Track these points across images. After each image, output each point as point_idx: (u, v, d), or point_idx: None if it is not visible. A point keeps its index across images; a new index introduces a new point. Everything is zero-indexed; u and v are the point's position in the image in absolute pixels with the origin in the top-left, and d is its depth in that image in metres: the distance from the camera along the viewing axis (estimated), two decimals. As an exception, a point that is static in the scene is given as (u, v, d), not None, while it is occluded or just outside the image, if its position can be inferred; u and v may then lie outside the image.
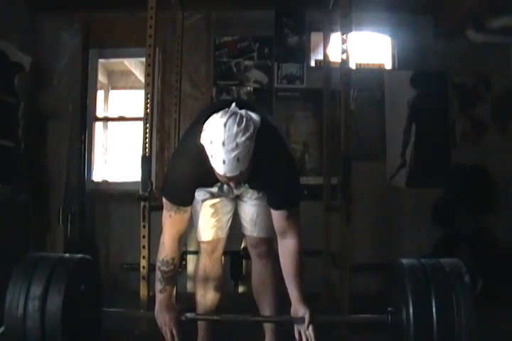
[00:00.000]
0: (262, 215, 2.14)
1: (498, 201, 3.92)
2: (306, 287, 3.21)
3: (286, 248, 1.93)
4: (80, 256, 2.03)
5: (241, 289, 3.78)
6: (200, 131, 1.68)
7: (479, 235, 3.78)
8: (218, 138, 1.59)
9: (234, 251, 3.36)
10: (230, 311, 2.16)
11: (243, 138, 1.60)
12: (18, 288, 1.81)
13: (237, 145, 1.59)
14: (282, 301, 2.16)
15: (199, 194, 2.07)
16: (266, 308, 2.18)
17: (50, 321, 1.78)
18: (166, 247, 1.98)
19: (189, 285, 3.74)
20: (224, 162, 1.61)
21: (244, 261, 3.72)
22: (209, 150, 1.63)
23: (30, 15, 3.99)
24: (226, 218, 2.22)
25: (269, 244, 2.16)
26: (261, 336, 2.26)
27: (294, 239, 1.92)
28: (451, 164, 4.06)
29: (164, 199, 1.95)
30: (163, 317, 2.01)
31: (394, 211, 3.92)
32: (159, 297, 2.01)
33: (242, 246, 3.24)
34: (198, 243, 2.32)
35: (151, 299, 2.77)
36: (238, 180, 1.74)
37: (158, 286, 2.01)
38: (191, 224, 2.12)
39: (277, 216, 1.92)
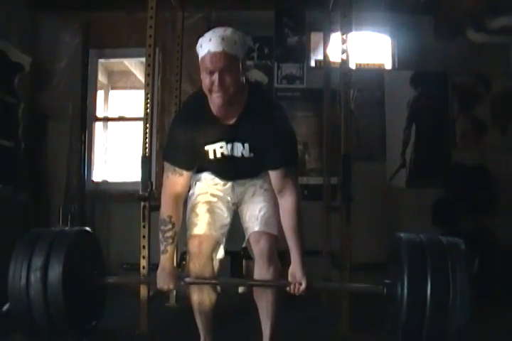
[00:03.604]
0: (264, 211, 2.12)
1: (498, 201, 3.92)
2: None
3: (285, 206, 2.00)
4: (78, 227, 2.10)
5: (241, 289, 3.78)
6: (198, 93, 1.96)
7: (479, 235, 3.77)
8: (206, 34, 1.86)
9: (234, 251, 3.36)
10: (230, 311, 2.16)
11: (228, 32, 1.84)
12: (20, 260, 1.89)
13: (222, 38, 1.82)
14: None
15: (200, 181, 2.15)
16: (264, 312, 2.17)
17: (52, 290, 1.85)
18: (163, 206, 2.08)
19: (189, 285, 3.75)
20: (210, 40, 1.83)
21: (244, 261, 3.73)
22: (199, 50, 1.87)
23: (30, 15, 4.00)
24: (221, 222, 2.17)
25: (271, 240, 2.10)
26: None
27: (291, 197, 1.99)
28: (451, 164, 4.06)
29: (164, 161, 2.07)
30: (163, 279, 2.08)
31: (394, 211, 3.92)
32: (162, 258, 2.10)
33: (242, 246, 3.23)
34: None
35: (151, 299, 2.78)
36: (223, 75, 1.83)
37: (161, 247, 2.10)
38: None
39: (275, 175, 1.99)
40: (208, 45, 1.84)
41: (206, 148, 2.03)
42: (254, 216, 2.14)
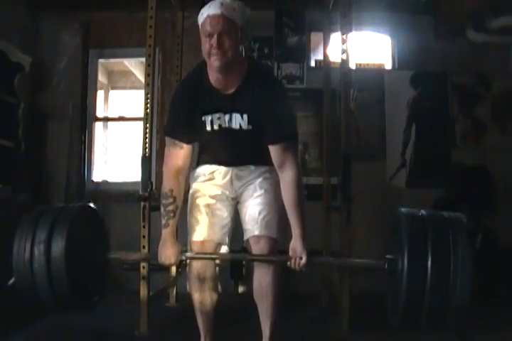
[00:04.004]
0: (264, 214, 2.12)
1: (498, 201, 3.92)
2: (306, 287, 3.22)
3: (285, 180, 2.01)
4: (81, 203, 2.14)
5: (241, 289, 3.79)
6: (198, 65, 2.04)
7: (479, 235, 3.77)
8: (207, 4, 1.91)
9: (234, 251, 3.36)
10: (230, 311, 2.16)
11: (227, 0, 1.90)
12: (25, 234, 1.93)
13: (221, 3, 1.89)
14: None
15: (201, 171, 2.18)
16: (264, 313, 2.16)
17: (55, 263, 1.89)
18: (165, 181, 2.10)
19: (189, 286, 3.75)
20: (209, 6, 1.90)
21: (244, 261, 3.73)
22: (200, 18, 1.93)
23: (30, 15, 4.00)
24: (221, 224, 2.17)
25: (271, 242, 2.10)
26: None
27: (292, 170, 2.00)
28: (451, 164, 4.06)
29: (165, 136, 2.11)
30: (165, 253, 2.10)
31: (394, 211, 3.91)
32: (163, 232, 2.12)
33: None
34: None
35: (151, 299, 2.78)
36: (221, 37, 1.87)
37: (162, 221, 2.12)
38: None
39: (275, 150, 1.99)
40: (207, 10, 1.91)
41: (203, 118, 2.03)
42: (254, 219, 2.13)
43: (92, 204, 2.27)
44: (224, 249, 2.20)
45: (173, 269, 3.44)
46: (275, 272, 2.12)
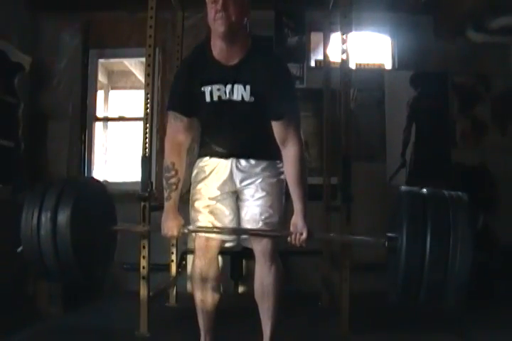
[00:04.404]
0: (265, 215, 2.12)
1: (498, 201, 3.92)
2: (306, 287, 3.22)
3: (288, 155, 2.02)
4: (90, 177, 2.20)
5: (241, 289, 3.79)
6: (204, 39, 2.05)
7: (479, 235, 3.77)
8: None
9: (234, 251, 3.37)
10: (230, 311, 2.16)
11: None
12: (33, 203, 1.99)
13: None
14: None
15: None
16: (265, 313, 2.17)
17: (60, 231, 1.94)
18: (166, 154, 2.13)
19: (189, 286, 3.74)
20: None
21: (244, 261, 3.73)
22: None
23: (30, 15, 3.99)
24: (223, 223, 2.16)
25: (273, 240, 2.10)
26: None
27: (295, 146, 2.01)
28: (451, 164, 4.06)
29: (167, 110, 2.15)
30: (167, 225, 2.11)
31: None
32: (165, 205, 2.14)
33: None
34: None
35: (151, 299, 2.78)
36: (226, 4, 1.88)
37: (165, 194, 2.13)
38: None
39: (278, 126, 2.00)
40: None
41: (203, 88, 2.03)
42: (256, 220, 2.13)
43: (98, 179, 2.40)
44: (228, 243, 2.22)
45: (173, 269, 3.44)
46: (277, 272, 2.13)
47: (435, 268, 1.71)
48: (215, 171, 2.17)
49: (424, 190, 1.89)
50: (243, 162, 2.15)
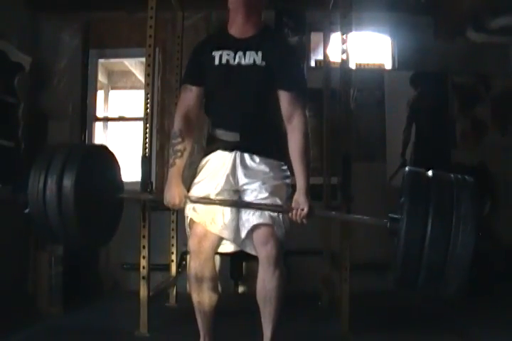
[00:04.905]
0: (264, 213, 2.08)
1: (498, 201, 3.92)
2: (306, 287, 3.21)
3: (293, 131, 2.06)
4: (98, 143, 2.26)
5: (241, 289, 3.79)
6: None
7: (479, 235, 3.77)
8: None
9: (234, 251, 3.36)
10: (230, 311, 2.15)
11: None
12: (40, 165, 2.03)
13: None
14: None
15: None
16: (267, 316, 2.14)
17: (65, 193, 1.97)
18: (175, 123, 2.19)
19: (189, 286, 3.75)
20: None
21: (244, 261, 3.73)
22: None
23: (30, 15, 3.99)
24: (225, 218, 2.11)
25: (278, 244, 2.05)
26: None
27: (300, 121, 2.06)
28: (451, 164, 4.06)
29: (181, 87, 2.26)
30: (170, 194, 2.12)
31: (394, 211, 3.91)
32: (169, 172, 2.17)
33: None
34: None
35: (151, 299, 2.78)
36: None
37: (170, 161, 2.17)
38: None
39: (287, 98, 2.06)
40: None
41: (213, 53, 2.12)
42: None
43: (105, 145, 2.49)
44: (229, 247, 2.21)
45: (173, 269, 3.44)
46: (280, 277, 2.09)
47: (436, 250, 1.67)
48: (218, 166, 2.13)
49: (430, 171, 1.85)
50: (247, 158, 2.11)
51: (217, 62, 2.10)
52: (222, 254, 2.64)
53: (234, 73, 2.09)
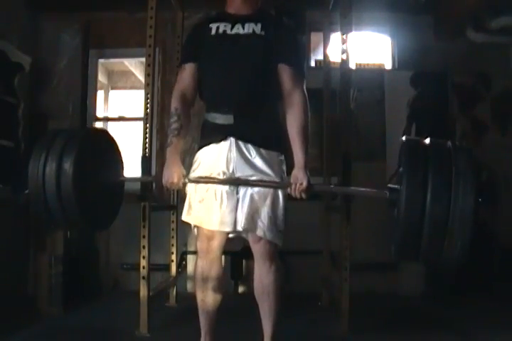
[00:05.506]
0: (267, 217, 2.05)
1: (498, 201, 3.92)
2: (306, 287, 3.21)
3: (292, 105, 2.05)
4: (102, 128, 2.29)
5: (241, 289, 3.79)
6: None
7: (480, 235, 3.77)
8: None
9: (234, 251, 3.37)
10: (230, 311, 2.15)
11: None
12: (41, 148, 2.04)
13: None
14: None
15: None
16: (266, 312, 2.15)
17: (64, 181, 1.98)
18: (172, 102, 2.17)
19: (189, 285, 3.75)
20: None
21: (244, 261, 3.73)
22: None
23: (30, 15, 3.99)
24: (225, 210, 2.06)
25: (271, 241, 2.06)
26: None
27: (300, 97, 2.05)
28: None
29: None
30: (168, 173, 2.09)
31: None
32: (167, 152, 2.14)
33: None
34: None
35: (151, 299, 2.78)
36: None
37: (167, 140, 2.16)
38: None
39: (287, 72, 2.05)
40: None
41: (210, 25, 2.13)
42: (254, 220, 2.05)
43: (105, 129, 2.62)
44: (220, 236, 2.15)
45: (173, 269, 3.44)
46: (276, 271, 2.10)
47: (436, 221, 1.66)
48: (212, 165, 2.09)
49: (427, 140, 1.83)
50: (243, 149, 2.06)
51: (213, 32, 2.10)
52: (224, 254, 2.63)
53: (231, 42, 2.08)
